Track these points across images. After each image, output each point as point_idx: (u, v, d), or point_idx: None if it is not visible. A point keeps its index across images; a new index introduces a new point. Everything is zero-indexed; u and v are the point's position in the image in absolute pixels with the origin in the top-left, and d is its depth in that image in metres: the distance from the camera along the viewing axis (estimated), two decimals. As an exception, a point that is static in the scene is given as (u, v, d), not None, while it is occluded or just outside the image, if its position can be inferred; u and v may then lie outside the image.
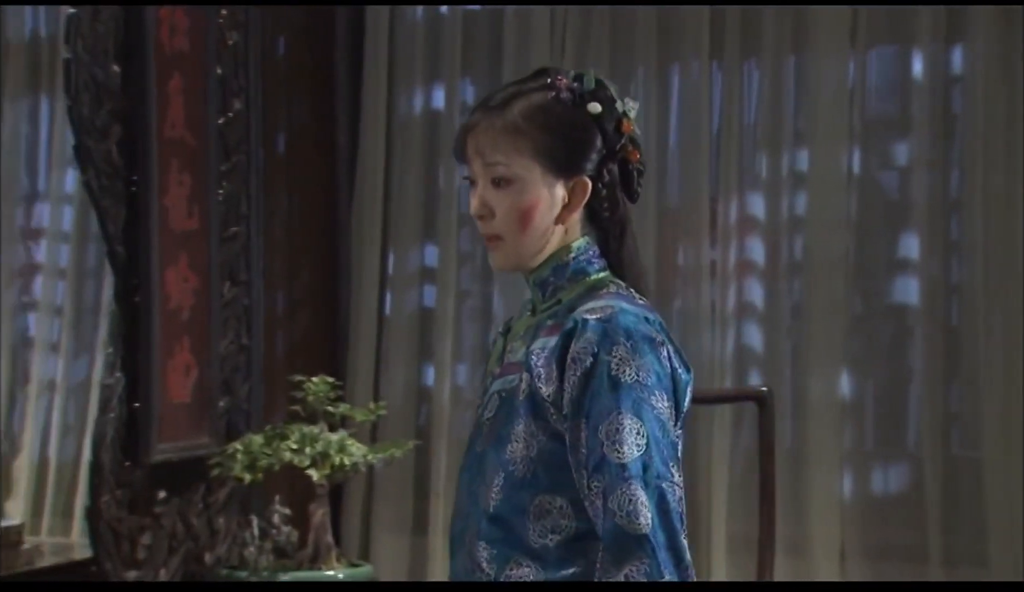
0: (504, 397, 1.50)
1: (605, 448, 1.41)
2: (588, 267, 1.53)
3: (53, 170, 4.05)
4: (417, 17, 3.68)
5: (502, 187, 1.50)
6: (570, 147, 1.51)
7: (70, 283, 4.00)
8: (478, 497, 1.51)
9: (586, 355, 1.44)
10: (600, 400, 1.42)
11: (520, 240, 1.51)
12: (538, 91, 1.52)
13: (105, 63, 3.04)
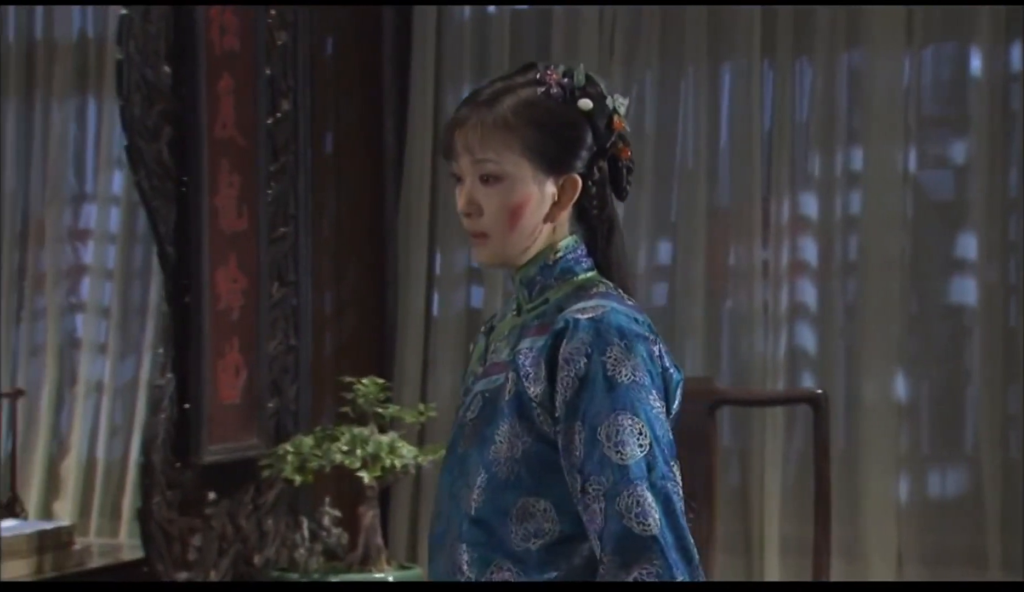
0: (487, 397, 1.48)
1: (606, 450, 1.38)
2: (575, 266, 1.50)
3: (100, 171, 4.07)
4: (464, 17, 3.66)
5: (490, 184, 1.47)
6: (560, 144, 1.48)
7: (117, 284, 4.01)
8: (460, 499, 1.48)
9: (579, 356, 1.41)
10: (596, 401, 1.39)
11: (508, 238, 1.48)
12: (528, 86, 1.50)
13: (156, 64, 3.04)
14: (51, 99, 4.08)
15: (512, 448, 1.44)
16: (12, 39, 4.09)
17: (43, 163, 4.08)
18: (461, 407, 1.54)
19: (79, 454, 3.97)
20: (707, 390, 2.95)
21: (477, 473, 1.45)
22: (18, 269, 4.12)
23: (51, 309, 4.05)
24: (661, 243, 3.51)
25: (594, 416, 1.39)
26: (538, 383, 1.43)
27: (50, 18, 4.08)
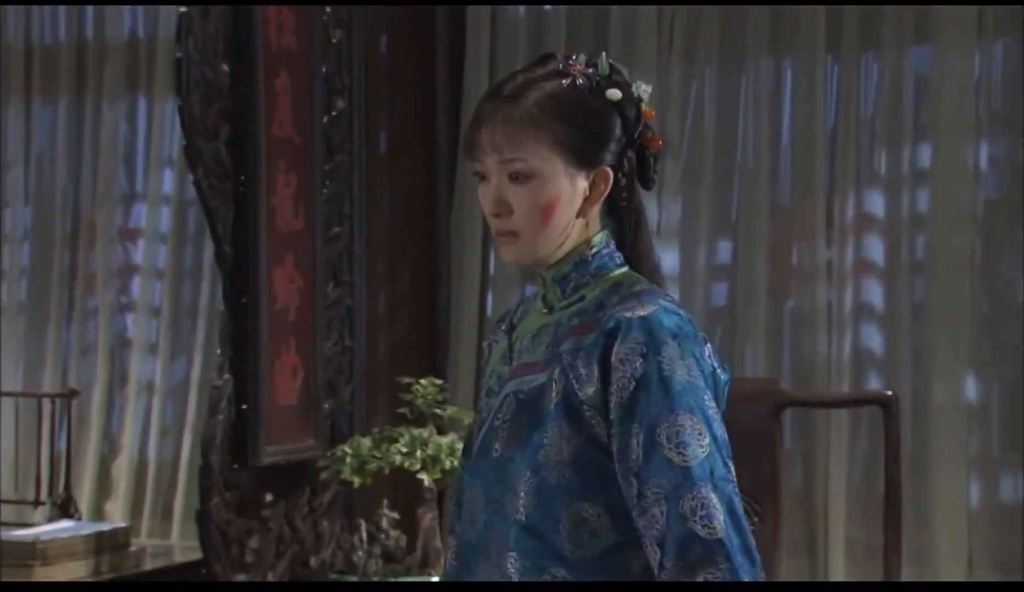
0: (523, 399, 1.43)
1: (667, 451, 1.34)
2: (609, 262, 1.46)
3: (151, 171, 4.05)
4: (519, 14, 3.62)
5: (520, 182, 1.42)
6: (591, 137, 1.43)
7: (168, 284, 4.00)
8: (502, 505, 1.43)
9: (634, 356, 1.37)
10: (654, 403, 1.36)
11: (539, 236, 1.44)
12: (551, 78, 1.44)
13: (214, 62, 3.02)
14: (102, 99, 4.07)
15: (561, 452, 1.40)
16: (63, 39, 4.08)
17: (94, 163, 4.07)
18: (486, 408, 1.49)
19: (130, 455, 3.96)
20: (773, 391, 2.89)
21: (523, 477, 1.41)
22: (69, 269, 4.12)
23: (102, 309, 4.04)
24: (721, 242, 3.46)
25: (652, 418, 1.36)
26: (590, 384, 1.39)
27: (101, 18, 4.07)
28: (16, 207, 4.08)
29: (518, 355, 1.47)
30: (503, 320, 1.55)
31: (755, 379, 3.16)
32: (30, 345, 4.05)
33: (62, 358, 4.05)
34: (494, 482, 1.43)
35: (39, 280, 4.05)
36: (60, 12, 4.06)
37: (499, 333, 1.54)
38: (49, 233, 4.05)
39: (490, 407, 1.47)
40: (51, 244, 4.05)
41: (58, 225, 4.05)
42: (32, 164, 4.07)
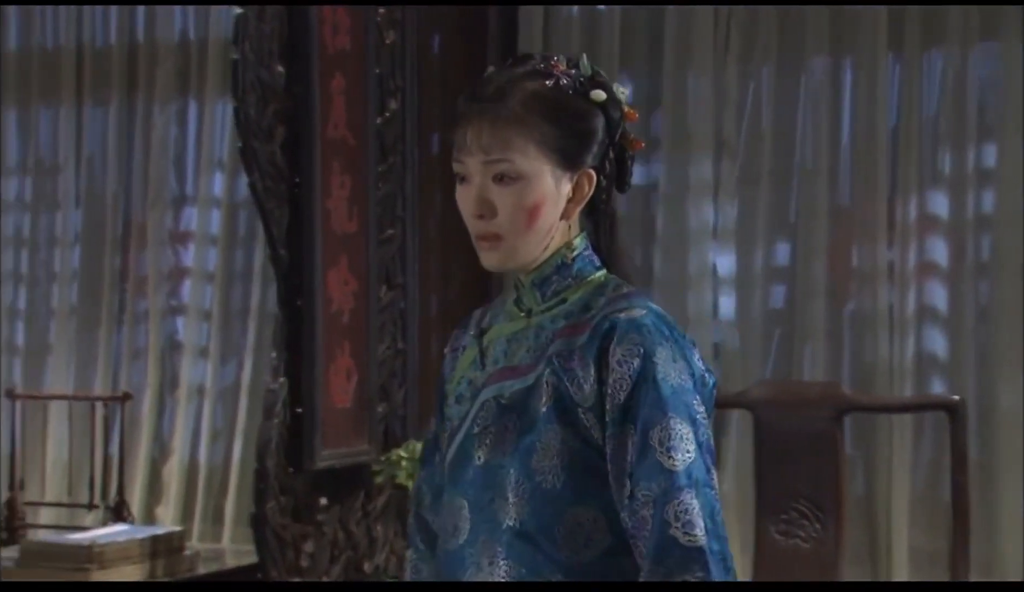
0: (506, 404, 1.40)
1: (658, 455, 1.32)
2: (589, 265, 1.43)
3: (201, 174, 4.05)
4: (573, 14, 3.59)
5: (505, 183, 1.39)
6: (576, 138, 1.40)
7: (218, 287, 3.99)
8: (493, 512, 1.39)
9: (631, 357, 1.35)
10: (649, 404, 1.34)
11: (524, 239, 1.40)
12: (534, 78, 1.40)
13: (270, 63, 3.00)
14: (153, 102, 4.07)
15: (555, 455, 1.37)
16: (114, 41, 4.09)
17: (144, 166, 4.07)
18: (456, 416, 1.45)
19: (181, 458, 3.95)
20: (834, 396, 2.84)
21: (517, 484, 1.38)
22: (120, 272, 4.12)
23: (152, 312, 4.04)
24: (779, 244, 3.41)
25: (646, 420, 1.34)
26: (586, 385, 1.36)
27: (152, 20, 4.07)
28: (67, 210, 4.09)
29: (492, 361, 1.44)
30: (467, 326, 1.51)
31: (815, 383, 3.11)
32: (81, 348, 4.06)
33: (112, 361, 4.05)
34: (481, 490, 1.40)
35: (90, 283, 4.06)
36: (111, 14, 4.06)
37: (466, 339, 1.50)
38: (100, 236, 4.06)
39: (462, 414, 1.44)
40: (102, 247, 4.06)
41: (109, 228, 4.05)
42: (83, 167, 4.08)
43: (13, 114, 4.15)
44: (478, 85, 1.42)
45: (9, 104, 4.15)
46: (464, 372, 1.47)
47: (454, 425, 1.45)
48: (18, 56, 4.14)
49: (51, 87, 4.10)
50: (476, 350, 1.47)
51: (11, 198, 4.15)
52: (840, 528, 2.72)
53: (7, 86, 4.14)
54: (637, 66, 3.55)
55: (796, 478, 2.86)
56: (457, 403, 1.46)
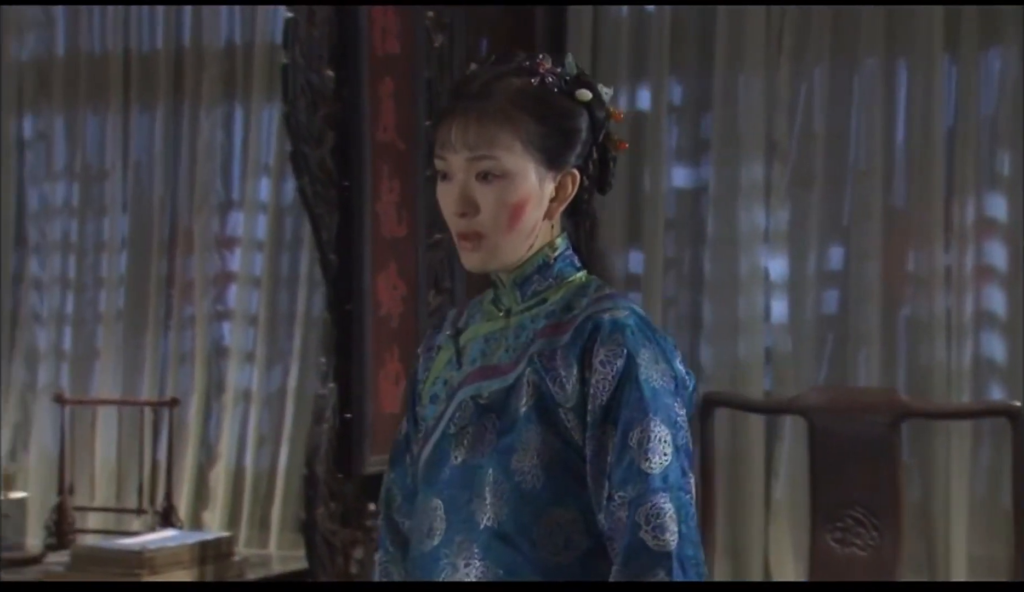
0: (485, 404, 1.40)
1: (635, 456, 1.32)
2: (570, 266, 1.43)
3: (247, 178, 4.04)
4: (622, 15, 3.56)
5: (489, 181, 1.38)
6: (562, 137, 1.40)
7: (265, 291, 3.98)
8: (469, 513, 1.39)
9: (615, 358, 1.35)
10: (630, 405, 1.34)
11: (506, 238, 1.39)
12: (518, 76, 1.40)
13: (319, 67, 2.99)
14: (199, 106, 4.07)
15: (535, 456, 1.36)
16: (160, 46, 4.09)
17: (191, 170, 4.07)
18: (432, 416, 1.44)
19: (227, 464, 3.95)
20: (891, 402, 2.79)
21: (495, 484, 1.37)
22: (166, 277, 4.12)
23: (199, 317, 4.04)
24: (832, 247, 3.36)
25: (627, 421, 1.33)
26: (568, 386, 1.36)
27: (198, 25, 4.08)
28: (114, 215, 4.10)
29: (469, 361, 1.43)
30: (441, 326, 1.51)
31: (872, 389, 3.06)
32: (128, 353, 4.07)
33: (159, 366, 4.05)
34: (459, 490, 1.39)
35: (136, 288, 4.07)
36: (158, 20, 4.07)
37: (440, 338, 1.50)
38: (146, 241, 4.06)
39: (438, 414, 1.43)
40: (148, 252, 4.06)
41: (155, 233, 4.06)
42: (130, 172, 4.09)
43: (60, 119, 4.17)
44: (463, 82, 1.41)
45: (56, 109, 4.17)
46: (439, 372, 1.46)
47: (429, 425, 1.44)
48: (65, 61, 4.15)
49: (98, 92, 4.11)
50: (452, 350, 1.46)
51: (58, 203, 4.16)
52: (897, 536, 2.68)
53: (55, 92, 4.16)
54: (687, 67, 3.51)
55: (852, 485, 2.81)
56: (432, 403, 1.45)
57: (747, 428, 3.35)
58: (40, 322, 4.16)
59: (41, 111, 4.17)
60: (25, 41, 4.19)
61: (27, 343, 4.14)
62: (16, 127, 4.20)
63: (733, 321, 3.40)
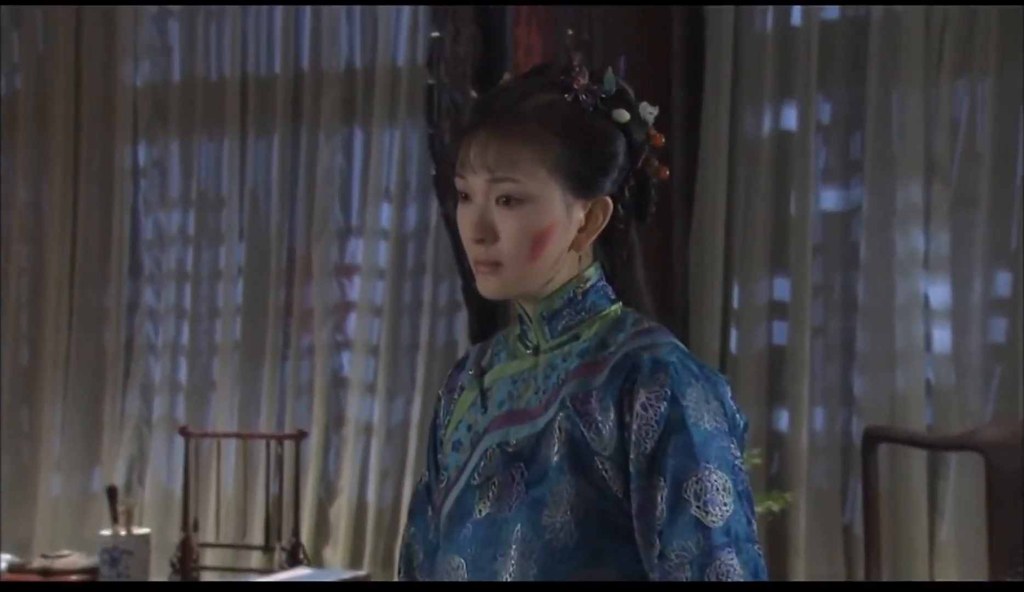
0: (513, 452, 1.27)
1: (694, 510, 1.20)
2: (603, 299, 1.31)
3: (367, 204, 3.93)
4: (766, 29, 3.40)
5: (511, 206, 1.26)
6: (594, 162, 1.27)
7: (386, 321, 3.86)
8: (494, 572, 1.26)
9: (659, 401, 1.23)
10: (680, 453, 1.22)
11: (526, 269, 1.27)
12: (550, 92, 1.27)
13: (463, 87, 2.88)
14: (318, 131, 3.97)
15: (569, 510, 1.23)
16: (278, 70, 4.00)
17: (309, 196, 3.97)
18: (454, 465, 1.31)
19: (349, 498, 3.82)
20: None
21: (524, 542, 1.24)
22: (284, 306, 4.01)
23: (318, 347, 3.92)
24: (999, 273, 3.17)
25: (679, 470, 1.21)
26: (605, 432, 1.24)
27: (317, 47, 3.98)
28: (230, 243, 4.01)
29: (495, 404, 1.31)
30: (462, 366, 1.38)
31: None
32: (244, 385, 3.97)
33: (277, 398, 3.94)
34: (482, 547, 1.27)
35: (254, 317, 3.97)
36: (276, 42, 3.99)
37: (462, 379, 1.36)
38: (264, 270, 3.97)
39: (461, 463, 1.31)
40: (266, 281, 3.97)
41: (273, 261, 3.96)
42: (246, 199, 4.00)
43: (176, 146, 4.10)
44: (489, 96, 1.28)
45: (172, 136, 4.10)
46: (462, 416, 1.33)
47: (451, 475, 1.31)
48: (181, 87, 4.08)
49: (214, 118, 4.03)
50: (476, 391, 1.33)
51: (174, 232, 4.09)
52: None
53: (170, 118, 4.09)
54: (836, 83, 3.35)
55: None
56: (455, 451, 1.32)
57: (908, 465, 3.16)
58: (155, 353, 4.07)
59: (156, 138, 4.11)
60: (140, 67, 4.13)
61: (142, 375, 4.06)
62: (131, 154, 4.13)
63: (890, 351, 3.22)
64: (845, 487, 3.28)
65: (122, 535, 3.39)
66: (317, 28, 3.92)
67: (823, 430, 3.32)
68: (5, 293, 4.19)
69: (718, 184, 3.43)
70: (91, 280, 4.11)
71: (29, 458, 4.12)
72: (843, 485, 3.29)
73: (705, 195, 3.45)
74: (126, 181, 4.11)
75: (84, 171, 4.13)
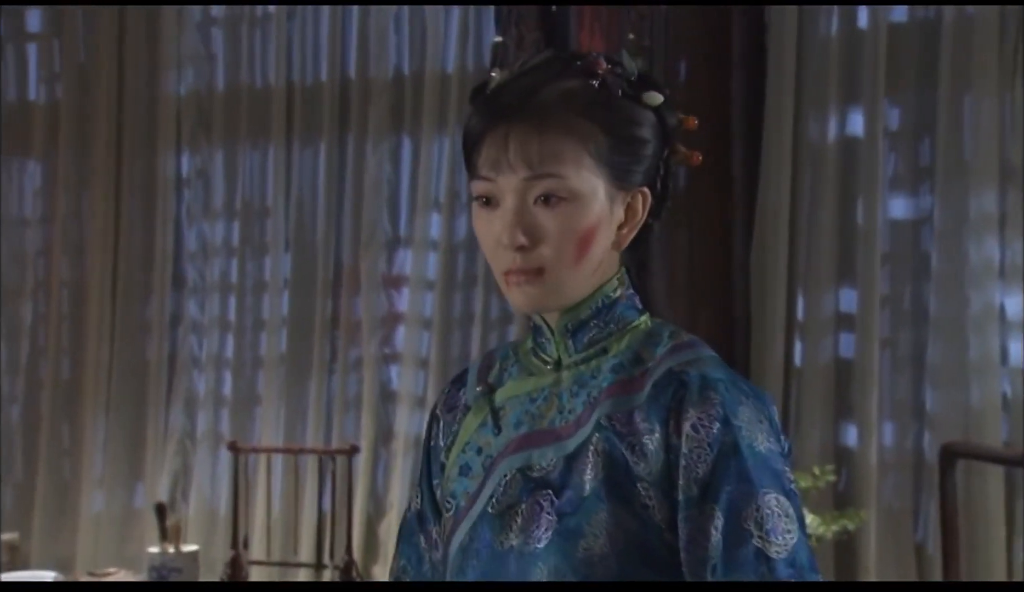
0: (537, 477, 1.16)
1: (755, 541, 1.11)
2: (632, 309, 1.21)
3: (416, 214, 3.85)
4: (831, 32, 3.30)
5: (552, 205, 1.15)
6: (632, 149, 1.17)
7: (436, 333, 3.77)
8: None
9: (710, 421, 1.13)
10: (736, 478, 1.12)
11: (572, 273, 1.16)
12: (573, 78, 1.17)
13: (527, 93, 2.78)
14: (365, 140, 3.90)
15: (611, 541, 1.13)
16: (325, 78, 3.93)
17: (356, 206, 3.89)
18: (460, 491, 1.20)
19: (399, 514, 3.74)
20: None
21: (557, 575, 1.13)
22: (331, 318, 3.93)
23: (366, 360, 3.84)
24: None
25: (736, 498, 1.12)
26: (650, 456, 1.14)
27: (364, 55, 3.91)
28: (276, 254, 3.93)
29: (511, 424, 1.19)
30: (461, 383, 1.26)
31: None
32: (290, 399, 3.89)
33: (324, 412, 3.86)
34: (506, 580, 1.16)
35: (300, 330, 3.89)
36: (322, 50, 3.91)
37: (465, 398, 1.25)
38: (310, 281, 3.89)
39: (472, 490, 1.19)
40: (312, 292, 3.89)
41: (319, 272, 3.88)
42: (292, 209, 3.92)
43: (220, 155, 4.02)
44: (499, 89, 1.15)
45: (216, 145, 4.03)
46: (470, 438, 1.21)
47: (460, 503, 1.20)
48: (225, 96, 4.01)
49: (259, 127, 3.96)
50: (486, 411, 1.22)
51: (218, 242, 4.01)
52: None
53: (215, 127, 4.02)
54: (905, 88, 3.25)
55: None
56: (463, 476, 1.21)
57: (984, 481, 3.06)
58: (199, 366, 4.00)
59: (200, 147, 4.04)
60: (183, 75, 4.06)
61: (186, 389, 3.99)
62: (174, 164, 4.06)
63: (963, 364, 3.11)
64: (917, 505, 3.18)
65: (171, 552, 3.30)
66: (364, 35, 3.85)
67: (893, 446, 3.22)
68: (46, 306, 4.13)
69: (781, 192, 3.34)
70: (134, 292, 4.04)
71: (70, 474, 4.05)
72: (915, 503, 3.18)
73: (767, 203, 3.36)
74: (169, 191, 4.04)
75: (126, 181, 4.06)
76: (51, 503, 4.00)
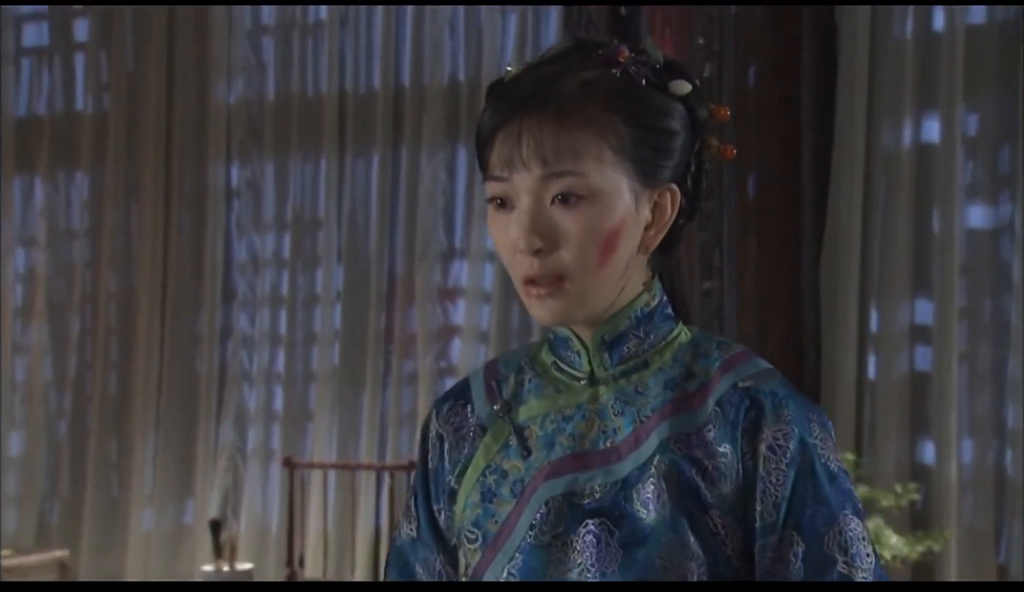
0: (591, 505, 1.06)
1: (840, 567, 1.04)
2: (668, 318, 1.10)
3: (472, 225, 3.77)
4: (905, 35, 3.20)
5: (570, 205, 1.05)
6: (658, 143, 1.07)
7: (493, 346, 3.69)
8: None
9: (787, 440, 1.05)
10: (814, 500, 1.05)
11: (595, 281, 1.05)
12: (593, 68, 1.07)
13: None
14: (419, 149, 3.82)
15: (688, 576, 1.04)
16: (378, 86, 3.86)
17: (410, 217, 3.81)
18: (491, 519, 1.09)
19: (455, 533, 3.65)
20: None
21: None
22: (384, 331, 3.86)
23: (421, 374, 3.76)
24: None
25: (816, 521, 1.05)
26: (723, 480, 1.05)
27: (418, 62, 3.83)
28: (328, 266, 3.86)
29: (542, 446, 1.09)
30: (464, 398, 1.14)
31: None
32: (343, 413, 3.81)
33: (378, 427, 3.78)
34: None
35: (353, 343, 3.81)
36: (375, 58, 3.84)
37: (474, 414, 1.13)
38: (363, 293, 3.81)
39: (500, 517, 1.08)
40: (365, 305, 3.81)
41: (373, 285, 3.80)
42: (344, 220, 3.85)
43: (270, 166, 3.96)
44: (515, 80, 1.05)
45: (266, 156, 3.96)
46: (490, 460, 1.11)
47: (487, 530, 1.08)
48: (276, 105, 3.94)
49: (311, 137, 3.89)
50: (508, 431, 1.11)
51: (268, 255, 3.94)
52: None
53: (265, 137, 3.95)
54: (984, 93, 3.14)
55: None
56: (487, 502, 1.10)
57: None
58: (249, 381, 3.93)
59: (250, 158, 3.97)
60: (233, 84, 3.99)
61: (236, 404, 3.91)
62: (224, 175, 4.00)
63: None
64: (1000, 525, 3.06)
65: (225, 570, 3.23)
66: (418, 42, 3.77)
67: (973, 463, 3.11)
68: (93, 320, 4.07)
69: (852, 200, 3.24)
70: (183, 306, 3.97)
71: (119, 491, 3.98)
72: (997, 523, 3.06)
73: (838, 212, 3.26)
74: (219, 203, 3.97)
75: (176, 193, 4.00)
76: (100, 520, 3.94)
